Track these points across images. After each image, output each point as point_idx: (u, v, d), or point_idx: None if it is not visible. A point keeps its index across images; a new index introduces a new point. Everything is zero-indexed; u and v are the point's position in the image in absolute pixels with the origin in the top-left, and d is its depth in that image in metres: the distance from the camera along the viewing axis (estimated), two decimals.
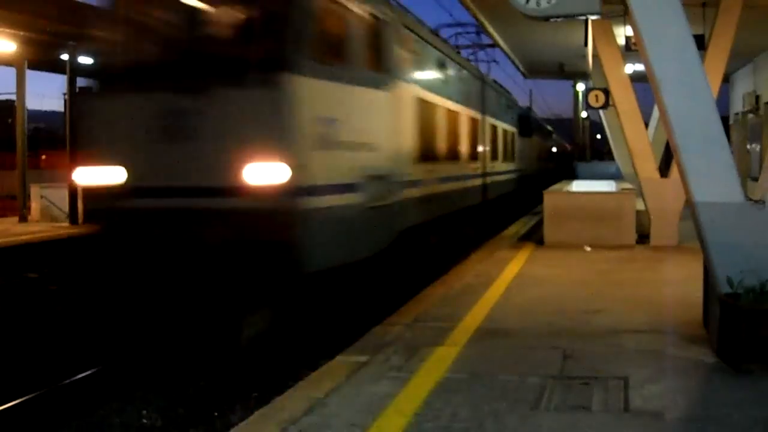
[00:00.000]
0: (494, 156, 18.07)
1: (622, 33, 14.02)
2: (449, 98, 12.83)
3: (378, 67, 8.54)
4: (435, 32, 14.52)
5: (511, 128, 21.69)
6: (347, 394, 5.20)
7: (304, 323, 7.03)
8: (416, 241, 10.14)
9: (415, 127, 10.14)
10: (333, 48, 7.55)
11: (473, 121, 15.19)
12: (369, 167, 7.97)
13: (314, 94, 6.95)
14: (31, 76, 26.35)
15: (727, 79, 25.71)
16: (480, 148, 15.93)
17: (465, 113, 14.28)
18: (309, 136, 6.80)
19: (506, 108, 20.96)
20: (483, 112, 16.37)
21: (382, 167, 8.40)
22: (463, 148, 14.14)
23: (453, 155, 13.13)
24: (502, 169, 19.52)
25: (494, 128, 18.07)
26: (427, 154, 10.84)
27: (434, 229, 11.58)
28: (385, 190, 8.46)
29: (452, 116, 13.06)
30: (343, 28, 7.79)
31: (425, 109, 10.79)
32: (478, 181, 15.58)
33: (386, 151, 8.61)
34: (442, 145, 12.17)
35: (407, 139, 9.70)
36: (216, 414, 6.29)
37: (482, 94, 16.64)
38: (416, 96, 10.27)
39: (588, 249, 12.65)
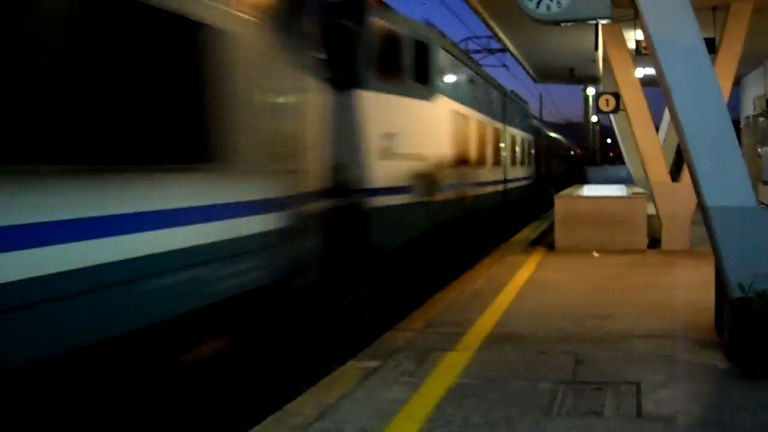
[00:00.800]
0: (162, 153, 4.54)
1: (633, 37, 14.01)
2: None
3: None
4: None
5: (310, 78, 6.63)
6: (359, 400, 5.21)
7: (316, 329, 7.03)
8: None
9: None
10: None
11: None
12: None
13: None
14: None
15: (737, 83, 25.63)
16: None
17: None
18: None
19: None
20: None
21: None
22: None
23: None
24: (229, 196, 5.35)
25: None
26: None
27: None
28: None
29: None
30: None
31: None
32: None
33: None
34: None
35: None
36: (227, 419, 6.30)
37: None
38: None
39: (596, 254, 12.62)
